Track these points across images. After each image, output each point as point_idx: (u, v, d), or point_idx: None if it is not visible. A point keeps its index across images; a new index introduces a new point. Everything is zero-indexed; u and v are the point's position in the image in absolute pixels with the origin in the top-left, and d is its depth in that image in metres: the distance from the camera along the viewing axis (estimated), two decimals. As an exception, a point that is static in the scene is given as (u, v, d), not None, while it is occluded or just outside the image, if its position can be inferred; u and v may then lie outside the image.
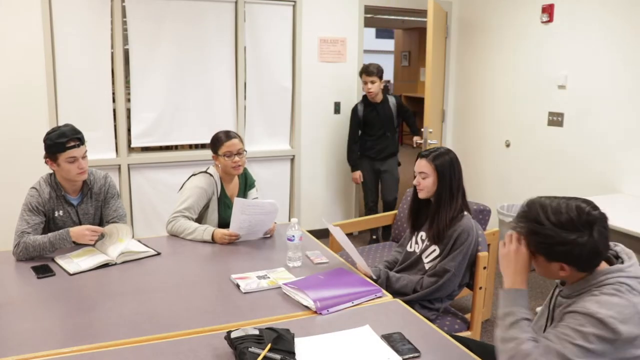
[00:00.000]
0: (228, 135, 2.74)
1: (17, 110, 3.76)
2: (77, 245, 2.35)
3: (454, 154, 2.27)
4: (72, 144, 2.34)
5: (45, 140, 2.35)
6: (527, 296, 1.46)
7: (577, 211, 1.35)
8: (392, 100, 4.50)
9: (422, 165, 2.25)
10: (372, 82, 4.34)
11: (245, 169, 2.89)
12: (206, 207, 2.75)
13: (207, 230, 2.57)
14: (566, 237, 1.34)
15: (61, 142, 2.32)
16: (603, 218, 1.37)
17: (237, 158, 2.71)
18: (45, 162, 2.39)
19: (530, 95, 4.35)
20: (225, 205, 2.80)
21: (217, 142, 2.73)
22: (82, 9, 3.84)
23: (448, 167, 2.22)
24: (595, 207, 1.39)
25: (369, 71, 4.34)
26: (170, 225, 2.64)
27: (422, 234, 2.35)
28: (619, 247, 1.46)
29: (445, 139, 5.22)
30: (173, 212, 2.67)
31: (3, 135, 3.75)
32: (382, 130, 4.46)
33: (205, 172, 2.78)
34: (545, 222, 1.37)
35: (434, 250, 2.27)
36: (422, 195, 2.27)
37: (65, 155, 2.33)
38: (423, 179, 2.24)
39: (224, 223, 2.78)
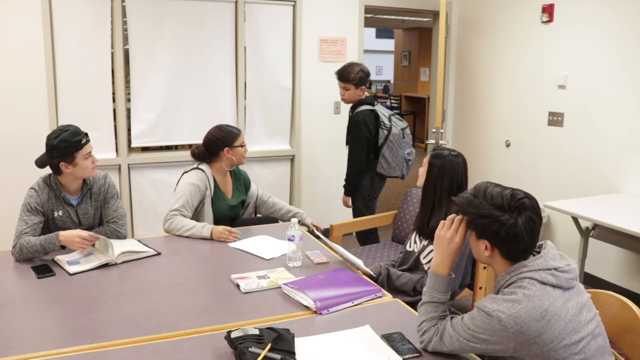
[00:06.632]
0: (236, 128, 2.91)
1: (18, 111, 3.76)
2: (69, 249, 2.32)
3: (452, 160, 2.23)
4: (86, 140, 2.39)
5: (58, 144, 2.30)
6: (447, 281, 1.60)
7: (510, 196, 1.44)
8: (355, 111, 3.58)
9: (426, 156, 2.35)
10: (344, 89, 3.60)
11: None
12: (202, 203, 2.77)
13: (205, 227, 2.59)
14: (491, 212, 1.43)
15: (78, 139, 2.35)
16: (534, 209, 1.43)
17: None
18: (58, 166, 2.35)
19: (531, 95, 4.35)
20: (221, 200, 2.84)
21: (232, 136, 2.84)
22: (82, 9, 3.83)
23: (438, 167, 2.23)
24: (531, 199, 1.45)
25: (341, 76, 3.60)
26: (167, 223, 2.65)
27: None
28: (545, 243, 1.50)
29: (445, 139, 5.22)
30: (169, 211, 2.68)
31: (3, 135, 3.75)
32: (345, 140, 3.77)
33: (197, 168, 2.80)
34: (480, 196, 1.47)
35: (431, 250, 2.27)
36: (417, 182, 2.38)
37: (83, 152, 2.36)
38: (422, 167, 2.35)
39: (219, 218, 2.80)
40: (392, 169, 3.62)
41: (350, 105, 3.68)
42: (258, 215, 3.12)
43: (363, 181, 3.59)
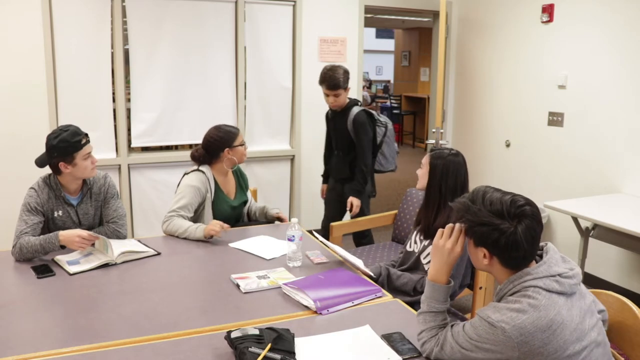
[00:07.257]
0: (234, 127, 2.89)
1: (18, 111, 3.76)
2: (69, 249, 2.32)
3: (453, 160, 2.24)
4: (85, 140, 2.39)
5: (57, 144, 2.31)
6: (446, 290, 1.56)
7: (509, 202, 1.38)
8: (353, 113, 3.45)
9: (424, 157, 2.33)
10: (336, 96, 3.43)
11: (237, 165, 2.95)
12: (202, 205, 2.76)
13: (198, 228, 2.58)
14: (490, 220, 1.37)
15: (78, 140, 2.35)
16: (535, 217, 1.38)
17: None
18: (57, 167, 2.35)
19: (531, 95, 4.35)
20: (222, 201, 2.82)
21: (231, 136, 2.82)
22: (82, 9, 3.84)
23: (441, 167, 2.23)
24: (532, 206, 1.41)
25: (332, 84, 3.39)
26: (165, 225, 2.65)
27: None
28: (547, 246, 1.46)
29: (445, 139, 5.22)
30: (168, 212, 2.68)
31: (3, 135, 3.75)
32: (335, 145, 3.67)
33: (198, 169, 2.79)
34: (478, 202, 1.41)
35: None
36: (417, 184, 2.36)
37: (82, 152, 2.36)
38: (420, 168, 2.33)
39: (220, 220, 2.78)
40: (388, 163, 3.65)
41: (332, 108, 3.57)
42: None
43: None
